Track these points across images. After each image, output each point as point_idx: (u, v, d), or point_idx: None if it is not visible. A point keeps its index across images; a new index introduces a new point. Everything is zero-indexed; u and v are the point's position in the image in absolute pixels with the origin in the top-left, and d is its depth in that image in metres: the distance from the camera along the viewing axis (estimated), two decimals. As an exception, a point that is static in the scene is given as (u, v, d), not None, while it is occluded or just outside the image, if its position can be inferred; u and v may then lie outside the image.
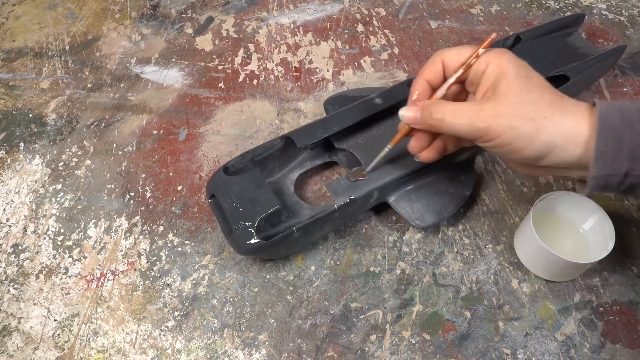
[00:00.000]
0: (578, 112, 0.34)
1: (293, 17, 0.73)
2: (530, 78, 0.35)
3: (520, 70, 0.35)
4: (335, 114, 0.51)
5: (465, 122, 0.35)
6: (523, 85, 0.35)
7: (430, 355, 0.43)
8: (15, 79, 0.67)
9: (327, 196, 0.52)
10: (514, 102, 0.34)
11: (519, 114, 0.34)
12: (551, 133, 0.33)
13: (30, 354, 0.44)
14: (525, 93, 0.34)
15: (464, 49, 0.39)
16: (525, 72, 0.35)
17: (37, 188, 0.55)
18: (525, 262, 0.47)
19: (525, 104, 0.34)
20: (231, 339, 0.44)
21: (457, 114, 0.36)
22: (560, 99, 0.35)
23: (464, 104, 0.37)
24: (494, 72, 0.36)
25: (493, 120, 0.34)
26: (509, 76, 0.35)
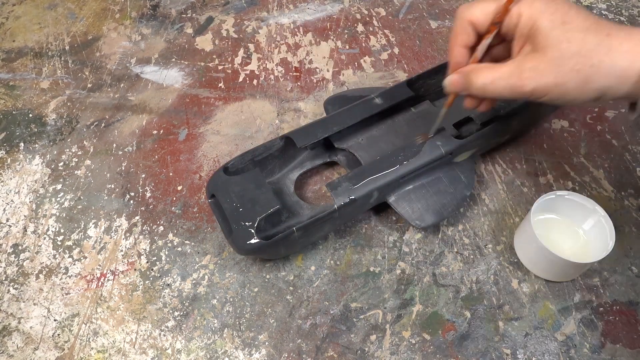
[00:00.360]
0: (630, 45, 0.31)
1: (293, 17, 0.73)
2: (568, 23, 0.32)
3: (554, 19, 0.32)
4: (335, 114, 0.51)
5: (507, 87, 0.34)
6: (562, 36, 0.32)
7: (430, 355, 0.43)
8: (15, 79, 0.67)
9: (327, 196, 0.52)
10: (555, 57, 0.32)
11: (563, 69, 0.32)
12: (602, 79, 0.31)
13: (30, 354, 0.44)
14: (565, 44, 0.32)
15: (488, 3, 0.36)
16: (560, 18, 0.32)
17: (37, 188, 0.55)
18: (525, 262, 0.47)
19: (567, 56, 0.32)
20: (231, 339, 0.44)
21: (496, 82, 0.35)
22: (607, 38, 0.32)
23: (502, 68, 0.35)
24: (527, 25, 0.34)
25: (537, 82, 0.33)
26: (544, 28, 0.32)
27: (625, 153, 0.55)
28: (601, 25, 0.32)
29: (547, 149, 0.56)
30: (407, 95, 0.53)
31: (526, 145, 0.56)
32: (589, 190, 0.52)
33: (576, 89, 0.32)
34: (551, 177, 0.53)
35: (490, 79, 0.35)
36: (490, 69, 0.36)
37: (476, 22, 0.37)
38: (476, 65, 0.38)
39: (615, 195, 0.52)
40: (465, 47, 0.38)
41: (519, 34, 0.35)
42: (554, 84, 0.32)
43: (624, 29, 0.32)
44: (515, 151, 0.55)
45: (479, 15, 0.37)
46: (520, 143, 0.56)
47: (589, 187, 0.52)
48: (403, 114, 0.54)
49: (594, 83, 0.32)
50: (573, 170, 0.54)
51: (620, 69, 0.31)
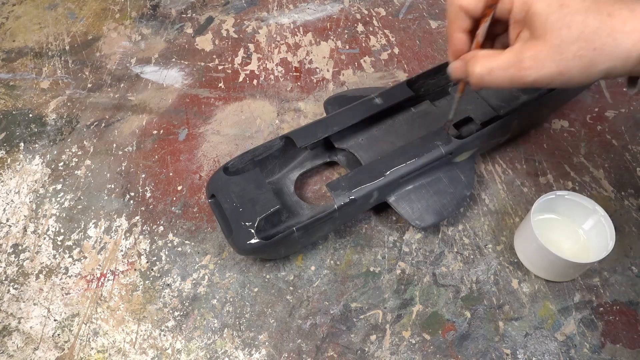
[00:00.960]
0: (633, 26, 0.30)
1: (293, 17, 0.73)
2: (566, 6, 0.30)
3: (551, 2, 0.31)
4: (335, 114, 0.51)
5: (506, 78, 0.33)
6: (561, 21, 0.30)
7: (430, 355, 0.43)
8: (15, 79, 0.67)
9: (327, 196, 0.52)
10: (556, 44, 0.30)
11: (566, 57, 0.30)
12: (606, 61, 0.30)
13: (30, 354, 0.44)
14: (566, 29, 0.30)
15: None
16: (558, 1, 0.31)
17: (37, 188, 0.55)
18: (525, 262, 0.47)
19: (569, 42, 0.30)
20: (231, 339, 0.44)
21: (495, 72, 0.33)
22: (609, 18, 0.30)
23: (501, 57, 0.33)
24: (522, 10, 0.32)
25: (538, 72, 0.31)
26: (540, 14, 0.31)
27: (625, 153, 0.55)
28: (601, 5, 0.30)
29: (547, 149, 0.56)
30: (407, 95, 0.52)
31: (526, 145, 0.56)
32: (589, 190, 0.52)
33: (580, 74, 0.31)
34: (551, 177, 0.53)
35: (487, 69, 0.33)
36: (488, 57, 0.34)
37: (467, 7, 0.35)
38: (475, 52, 0.36)
39: (615, 195, 0.52)
40: (463, 32, 0.36)
41: (513, 20, 0.33)
42: (557, 73, 0.31)
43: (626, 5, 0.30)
44: (515, 151, 0.55)
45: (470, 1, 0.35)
46: (520, 143, 0.56)
47: (589, 187, 0.52)
48: (403, 114, 0.54)
49: (597, 66, 0.31)
50: (573, 170, 0.54)
51: (624, 49, 0.30)
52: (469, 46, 0.37)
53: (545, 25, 0.31)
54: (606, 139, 0.56)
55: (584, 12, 0.30)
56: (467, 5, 0.35)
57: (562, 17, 0.30)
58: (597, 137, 0.56)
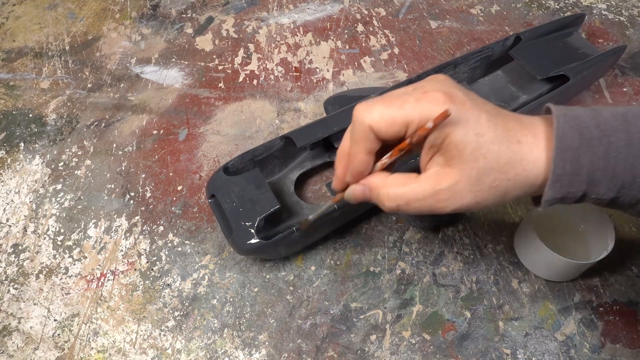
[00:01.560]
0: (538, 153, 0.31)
1: (293, 17, 0.73)
2: (481, 135, 0.30)
3: (467, 131, 0.30)
4: (335, 114, 0.51)
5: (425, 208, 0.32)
6: (476, 151, 0.30)
7: (430, 355, 0.43)
8: (15, 79, 0.67)
9: (327, 196, 0.52)
10: (472, 175, 0.31)
11: (482, 187, 0.31)
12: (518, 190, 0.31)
13: (30, 354, 0.44)
14: (482, 160, 0.30)
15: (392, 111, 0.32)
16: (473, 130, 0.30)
17: (37, 188, 0.55)
18: (525, 262, 0.47)
19: (484, 174, 0.31)
20: (231, 339, 0.44)
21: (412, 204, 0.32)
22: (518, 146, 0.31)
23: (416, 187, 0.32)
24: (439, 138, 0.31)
25: (457, 202, 0.31)
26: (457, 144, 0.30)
27: (625, 153, 0.55)
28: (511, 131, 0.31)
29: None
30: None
31: (526, 145, 0.56)
32: (589, 190, 0.52)
33: (494, 202, 0.32)
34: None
35: (404, 201, 0.33)
36: (401, 186, 0.33)
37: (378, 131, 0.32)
38: (383, 179, 0.34)
39: (615, 195, 0.51)
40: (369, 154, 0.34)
41: (429, 145, 0.32)
42: (475, 203, 0.31)
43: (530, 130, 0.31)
44: (515, 151, 0.55)
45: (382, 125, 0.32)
46: (520, 143, 0.56)
47: None
48: (403, 114, 0.54)
49: (510, 194, 0.32)
50: (573, 170, 0.54)
51: (534, 177, 0.31)
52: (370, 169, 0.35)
53: (462, 155, 0.31)
54: (606, 139, 0.56)
55: (497, 142, 0.30)
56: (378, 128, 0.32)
57: (478, 147, 0.30)
58: (597, 137, 0.56)
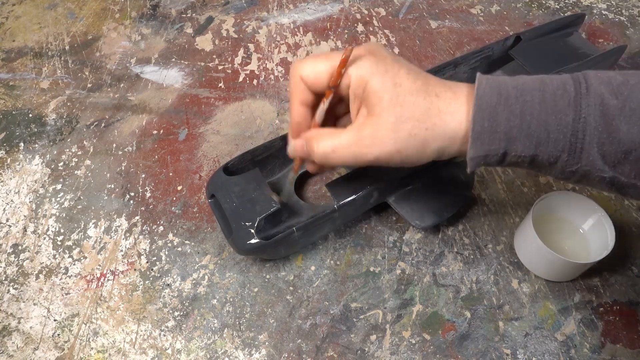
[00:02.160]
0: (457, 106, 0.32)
1: (293, 17, 0.73)
2: (399, 85, 0.32)
3: (385, 80, 0.32)
4: (335, 114, 0.51)
5: (350, 156, 0.33)
6: (394, 99, 0.32)
7: (430, 355, 0.43)
8: (15, 79, 0.67)
9: (327, 196, 0.52)
10: (391, 122, 0.32)
11: (401, 135, 0.32)
12: (438, 141, 0.32)
13: (30, 354, 0.44)
14: (399, 108, 0.31)
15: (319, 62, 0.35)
16: (391, 80, 0.32)
17: (37, 188, 0.55)
18: (525, 262, 0.47)
19: (402, 121, 0.31)
20: (231, 339, 0.44)
21: (338, 150, 0.34)
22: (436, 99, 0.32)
23: (343, 135, 0.34)
24: (359, 86, 0.33)
25: (378, 149, 0.32)
26: (376, 91, 0.32)
27: (625, 153, 0.55)
28: (430, 86, 0.32)
29: (547, 149, 0.55)
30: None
31: (526, 145, 0.56)
32: (589, 190, 0.52)
33: (416, 153, 0.32)
34: (551, 177, 0.53)
35: (331, 148, 0.34)
36: (331, 135, 0.34)
37: (307, 80, 0.35)
38: (317, 131, 0.36)
39: (615, 195, 0.52)
40: (303, 105, 0.36)
41: (353, 96, 0.33)
42: (395, 150, 0.32)
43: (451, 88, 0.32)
44: (515, 151, 0.55)
45: (310, 74, 0.35)
46: (520, 143, 0.56)
47: (589, 187, 0.52)
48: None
49: (430, 145, 0.32)
50: (573, 170, 0.54)
51: (451, 130, 0.32)
52: (309, 122, 0.37)
53: (381, 102, 0.32)
54: (606, 139, 0.56)
55: (415, 93, 0.32)
56: (307, 78, 0.35)
57: (395, 95, 0.31)
58: (597, 137, 0.56)
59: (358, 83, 0.33)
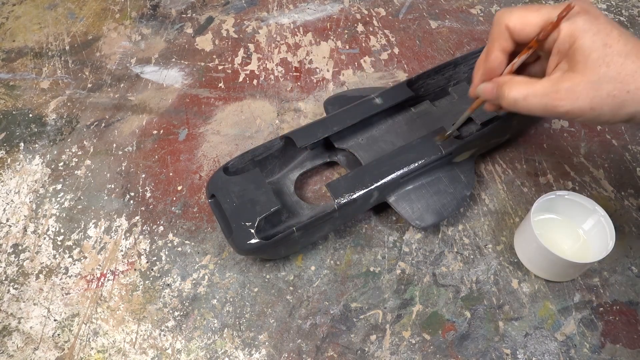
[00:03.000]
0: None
1: (293, 17, 0.73)
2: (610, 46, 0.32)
3: (596, 39, 0.32)
4: (335, 114, 0.51)
5: (540, 106, 0.33)
6: (601, 59, 0.31)
7: (430, 355, 0.43)
8: (15, 79, 0.67)
9: (327, 196, 0.52)
10: (593, 80, 0.32)
11: (600, 94, 0.32)
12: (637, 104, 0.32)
13: (30, 354, 0.44)
14: (604, 68, 0.31)
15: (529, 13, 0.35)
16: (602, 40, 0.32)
17: (37, 188, 0.55)
18: (525, 262, 0.47)
19: (605, 81, 0.31)
20: (231, 339, 0.44)
21: (530, 98, 0.34)
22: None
23: (537, 84, 0.34)
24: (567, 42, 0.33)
25: (572, 104, 0.32)
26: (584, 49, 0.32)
27: (625, 153, 0.55)
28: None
29: (547, 149, 0.56)
30: (407, 95, 0.53)
31: (526, 145, 0.56)
32: (589, 190, 0.52)
33: (610, 113, 0.32)
34: (551, 177, 0.53)
35: (523, 95, 0.34)
36: (525, 84, 0.35)
37: (513, 29, 0.35)
38: (511, 77, 0.36)
39: (615, 195, 0.52)
40: (503, 52, 0.37)
41: (556, 50, 0.34)
42: (589, 108, 0.32)
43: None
44: (515, 151, 0.55)
45: (517, 23, 0.35)
46: (520, 143, 0.56)
47: (589, 187, 0.52)
48: (403, 114, 0.54)
49: (626, 108, 0.32)
50: (573, 170, 0.54)
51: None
52: (502, 69, 0.37)
53: (586, 60, 0.32)
54: (606, 139, 0.56)
55: (624, 55, 0.31)
56: (513, 27, 0.35)
57: (603, 55, 0.31)
58: (597, 137, 0.56)
59: (566, 39, 0.33)
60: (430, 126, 0.53)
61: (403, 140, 0.52)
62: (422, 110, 0.55)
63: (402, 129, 0.53)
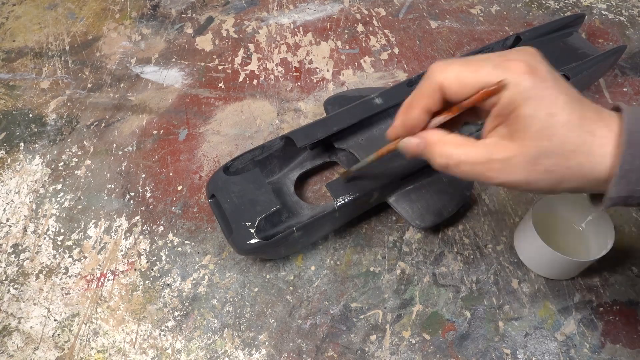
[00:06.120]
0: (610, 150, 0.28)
1: (293, 17, 0.73)
2: (554, 116, 0.29)
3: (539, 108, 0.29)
4: (335, 114, 0.51)
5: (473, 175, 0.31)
6: (544, 131, 0.29)
7: (430, 355, 0.43)
8: (16, 79, 0.67)
9: (327, 196, 0.52)
10: (531, 154, 0.29)
11: (537, 169, 0.29)
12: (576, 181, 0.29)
13: (30, 354, 0.44)
14: (546, 142, 0.29)
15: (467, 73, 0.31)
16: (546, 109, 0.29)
17: (37, 188, 0.55)
18: (525, 260, 0.47)
19: (544, 155, 0.29)
20: (231, 339, 0.44)
21: (462, 166, 0.32)
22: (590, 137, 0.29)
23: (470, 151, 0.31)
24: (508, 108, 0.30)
25: (506, 177, 0.30)
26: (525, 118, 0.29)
27: (625, 153, 0.55)
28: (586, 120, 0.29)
29: (547, 149, 0.55)
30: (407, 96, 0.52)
31: (526, 145, 0.56)
32: (589, 190, 0.52)
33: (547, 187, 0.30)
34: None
35: (455, 162, 0.32)
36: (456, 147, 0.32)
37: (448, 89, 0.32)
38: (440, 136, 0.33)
39: (615, 195, 0.51)
40: (426, 112, 0.33)
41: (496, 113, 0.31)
42: (525, 182, 0.30)
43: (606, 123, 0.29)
44: (515, 151, 0.55)
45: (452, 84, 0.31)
46: (520, 143, 0.56)
47: (589, 187, 0.52)
48: (403, 114, 0.54)
49: (566, 183, 0.30)
50: (573, 170, 0.54)
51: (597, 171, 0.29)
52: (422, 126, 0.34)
53: (527, 131, 0.29)
54: (606, 139, 0.56)
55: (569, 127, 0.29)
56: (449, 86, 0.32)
57: (546, 126, 0.29)
58: (597, 137, 0.56)
59: (507, 105, 0.30)
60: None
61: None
62: (422, 110, 0.55)
63: (402, 129, 0.53)
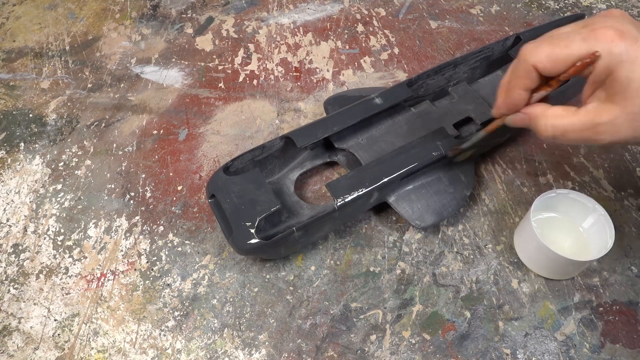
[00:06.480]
0: None
1: (293, 17, 0.73)
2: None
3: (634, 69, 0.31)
4: (335, 114, 0.51)
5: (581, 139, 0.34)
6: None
7: (430, 355, 0.43)
8: (16, 79, 0.67)
9: (327, 196, 0.52)
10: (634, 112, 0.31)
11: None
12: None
13: (31, 354, 0.44)
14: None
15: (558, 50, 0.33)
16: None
17: (37, 188, 0.55)
18: (525, 260, 0.47)
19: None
20: (231, 339, 0.44)
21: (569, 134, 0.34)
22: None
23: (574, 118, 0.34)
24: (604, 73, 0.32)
25: (613, 136, 0.33)
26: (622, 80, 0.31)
27: (625, 153, 0.55)
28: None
29: (547, 149, 0.56)
30: (407, 95, 0.53)
31: (526, 145, 0.56)
32: (588, 190, 0.52)
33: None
34: (551, 177, 0.53)
35: (561, 131, 0.34)
36: (561, 117, 0.34)
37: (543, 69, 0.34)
38: (543, 108, 0.36)
39: (615, 195, 0.52)
40: (526, 90, 0.36)
41: (592, 80, 0.33)
42: (632, 137, 0.32)
43: None
44: (515, 151, 0.55)
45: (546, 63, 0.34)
46: (520, 143, 0.56)
47: (589, 187, 0.52)
48: (403, 114, 0.54)
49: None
50: (573, 170, 0.54)
51: None
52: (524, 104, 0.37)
53: (625, 92, 0.31)
54: (606, 139, 0.56)
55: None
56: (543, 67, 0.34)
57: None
58: (597, 137, 0.56)
59: (602, 71, 0.32)
60: (430, 126, 0.53)
61: (403, 140, 0.52)
62: (422, 110, 0.55)
63: (402, 129, 0.53)
